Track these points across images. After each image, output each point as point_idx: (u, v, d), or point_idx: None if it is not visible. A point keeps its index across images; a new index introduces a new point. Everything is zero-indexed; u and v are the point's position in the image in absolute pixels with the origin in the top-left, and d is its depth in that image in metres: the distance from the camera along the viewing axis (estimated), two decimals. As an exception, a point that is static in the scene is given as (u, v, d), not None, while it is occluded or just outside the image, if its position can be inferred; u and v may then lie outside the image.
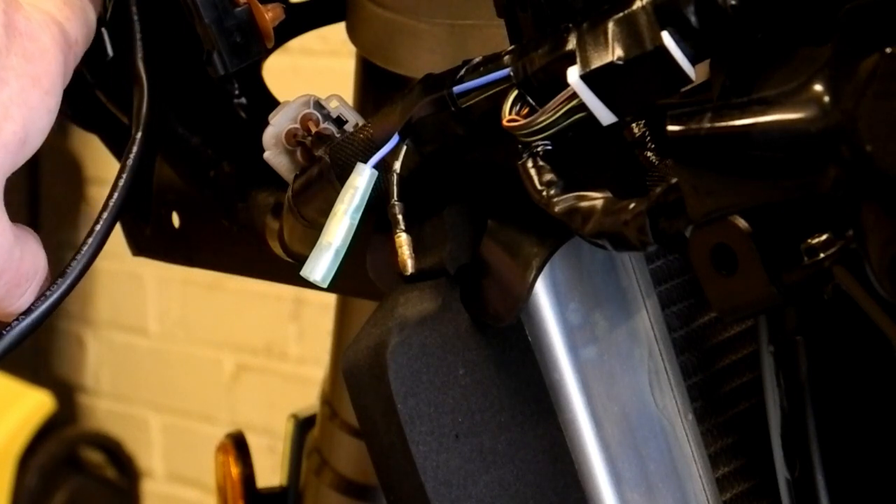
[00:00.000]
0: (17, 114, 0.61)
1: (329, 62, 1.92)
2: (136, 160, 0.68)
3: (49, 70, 0.63)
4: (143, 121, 0.69)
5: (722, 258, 0.54)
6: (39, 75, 0.62)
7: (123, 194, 0.68)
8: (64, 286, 0.66)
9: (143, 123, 0.69)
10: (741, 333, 0.68)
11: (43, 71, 0.62)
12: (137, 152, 0.68)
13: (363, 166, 0.61)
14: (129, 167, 0.68)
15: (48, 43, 0.63)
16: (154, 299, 2.61)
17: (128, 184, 0.68)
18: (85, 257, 0.67)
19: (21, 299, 0.65)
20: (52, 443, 2.56)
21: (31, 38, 0.62)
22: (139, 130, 0.69)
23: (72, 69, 0.66)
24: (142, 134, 0.68)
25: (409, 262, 0.61)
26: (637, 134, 0.58)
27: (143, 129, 0.69)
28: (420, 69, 0.64)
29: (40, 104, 0.62)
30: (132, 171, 0.68)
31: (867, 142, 0.48)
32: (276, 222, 0.73)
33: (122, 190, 0.68)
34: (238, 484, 0.99)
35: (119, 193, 0.68)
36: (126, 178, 0.68)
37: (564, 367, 0.63)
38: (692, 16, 0.53)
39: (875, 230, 0.49)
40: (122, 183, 0.68)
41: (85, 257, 0.67)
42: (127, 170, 0.68)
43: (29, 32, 0.62)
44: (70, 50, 0.65)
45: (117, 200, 0.67)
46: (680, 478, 0.65)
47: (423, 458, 0.61)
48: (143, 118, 0.69)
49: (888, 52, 0.48)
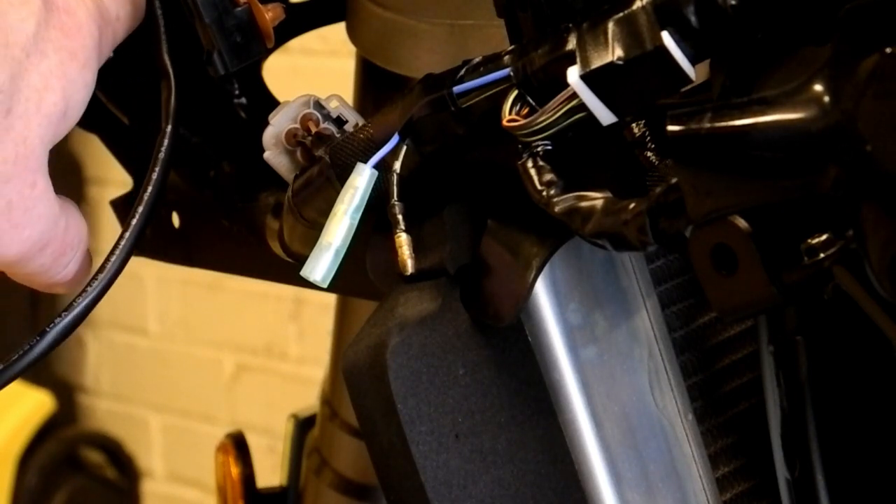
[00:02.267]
0: (56, 85, 0.62)
1: (329, 62, 1.92)
2: (167, 153, 0.68)
3: (85, 44, 0.63)
4: (172, 114, 0.69)
5: (722, 258, 0.54)
6: (76, 49, 0.63)
7: (157, 187, 0.68)
8: (104, 281, 0.66)
9: (173, 116, 0.69)
10: (741, 333, 0.68)
11: (79, 45, 0.63)
12: (168, 146, 0.68)
13: (363, 166, 0.61)
14: (161, 160, 0.68)
15: (83, 17, 0.63)
16: (154, 299, 2.61)
17: (161, 177, 0.68)
18: (123, 252, 0.66)
19: (66, 269, 0.66)
20: (52, 443, 2.56)
21: (69, 12, 0.63)
22: (169, 123, 0.69)
23: (110, 46, 0.66)
24: (171, 127, 0.68)
25: (409, 262, 0.61)
26: (637, 134, 0.58)
27: (173, 122, 0.69)
28: (420, 69, 0.64)
29: (78, 77, 0.63)
30: (165, 164, 0.68)
31: (867, 142, 0.48)
32: (276, 222, 0.73)
33: (156, 184, 0.68)
34: (238, 484, 0.99)
35: (153, 187, 0.67)
36: (159, 172, 0.68)
37: (564, 367, 0.63)
38: (692, 16, 0.53)
39: (875, 230, 0.49)
40: (156, 176, 0.68)
41: (123, 252, 0.66)
42: (160, 163, 0.68)
43: (66, 7, 0.63)
44: (108, 26, 0.65)
45: (152, 194, 0.67)
46: (680, 478, 0.65)
47: (423, 458, 0.61)
48: (171, 111, 0.69)
49: (888, 52, 0.48)
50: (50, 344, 0.64)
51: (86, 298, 0.65)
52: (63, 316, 0.65)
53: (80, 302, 0.65)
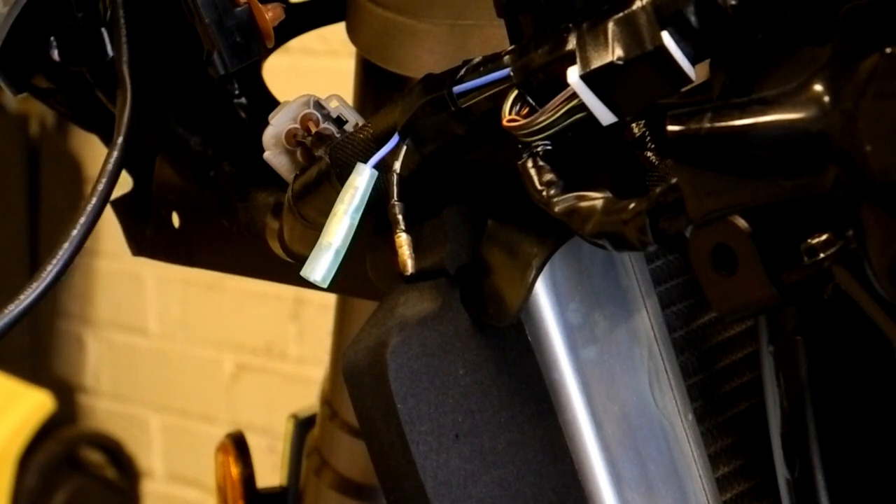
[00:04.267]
0: None
1: (329, 62, 1.92)
2: (116, 165, 0.68)
3: None
4: (125, 125, 0.68)
5: (722, 258, 0.54)
6: None
7: (102, 199, 0.67)
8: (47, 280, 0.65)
9: (126, 127, 0.68)
10: (741, 333, 0.68)
11: None
12: (118, 158, 0.68)
13: (363, 166, 0.61)
14: (108, 172, 0.68)
15: None
16: (154, 299, 2.61)
17: (107, 189, 0.68)
18: (60, 262, 0.66)
19: None
20: (52, 443, 2.56)
21: None
22: (120, 135, 0.68)
23: None
24: (122, 139, 0.68)
25: (409, 262, 0.61)
26: (637, 134, 0.58)
27: (125, 134, 0.68)
28: (420, 69, 0.64)
29: None
30: (112, 176, 0.68)
31: (867, 142, 0.48)
32: (276, 222, 0.73)
33: (101, 195, 0.67)
34: (238, 484, 0.99)
35: (97, 198, 0.67)
36: (105, 185, 0.68)
37: (564, 367, 0.63)
38: (692, 16, 0.53)
39: (875, 230, 0.49)
40: (101, 188, 0.68)
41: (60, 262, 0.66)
42: (107, 175, 0.68)
43: None
44: None
45: (95, 206, 0.67)
46: (680, 478, 0.65)
47: (423, 458, 0.61)
48: (125, 122, 0.68)
49: (888, 52, 0.48)
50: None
51: (31, 294, 0.65)
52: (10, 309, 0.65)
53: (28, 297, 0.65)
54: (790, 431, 0.64)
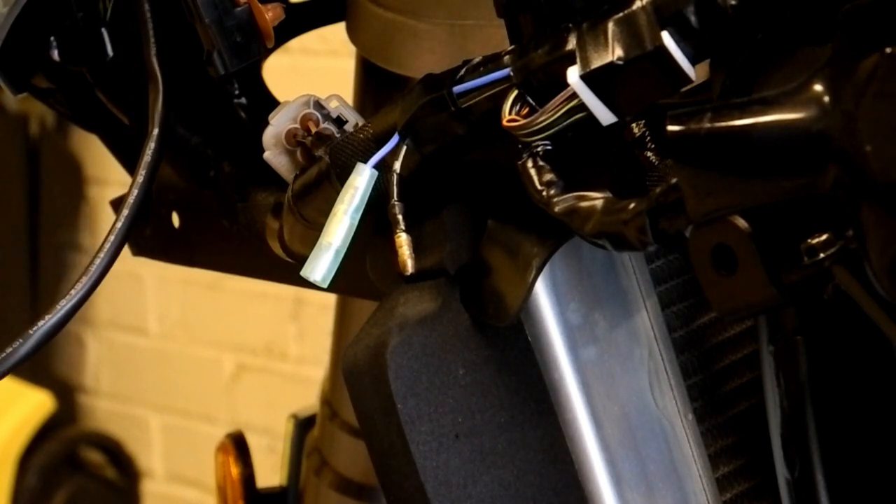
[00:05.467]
0: None
1: (329, 62, 1.92)
2: (154, 157, 0.68)
3: None
4: (158, 117, 0.68)
5: (722, 258, 0.54)
6: None
7: (143, 191, 0.67)
8: (89, 284, 0.65)
9: (160, 120, 0.68)
10: (741, 333, 0.68)
11: None
12: (155, 149, 0.68)
13: (363, 166, 0.61)
14: (147, 164, 0.68)
15: None
16: (154, 299, 2.61)
17: (146, 181, 0.67)
18: (108, 256, 0.66)
19: None
20: (52, 443, 2.56)
21: None
22: (156, 127, 0.68)
23: None
24: (158, 130, 0.68)
25: (409, 262, 0.61)
26: (637, 134, 0.58)
27: (160, 126, 0.68)
28: (420, 69, 0.64)
29: None
30: (151, 167, 0.68)
31: (867, 142, 0.48)
32: (276, 222, 0.73)
33: (142, 186, 0.67)
34: (238, 484, 0.99)
35: (139, 190, 0.67)
36: (145, 176, 0.67)
37: (564, 367, 0.63)
38: (692, 16, 0.53)
39: (875, 230, 0.49)
40: (142, 179, 0.67)
41: (108, 256, 0.66)
42: (145, 167, 0.68)
43: None
44: None
45: (137, 197, 0.67)
46: (680, 478, 0.65)
47: (423, 458, 0.61)
48: (158, 115, 0.68)
49: (888, 52, 0.48)
50: (34, 346, 0.64)
51: (70, 301, 0.65)
52: (47, 319, 0.64)
53: (64, 305, 0.65)
54: (790, 431, 0.64)
